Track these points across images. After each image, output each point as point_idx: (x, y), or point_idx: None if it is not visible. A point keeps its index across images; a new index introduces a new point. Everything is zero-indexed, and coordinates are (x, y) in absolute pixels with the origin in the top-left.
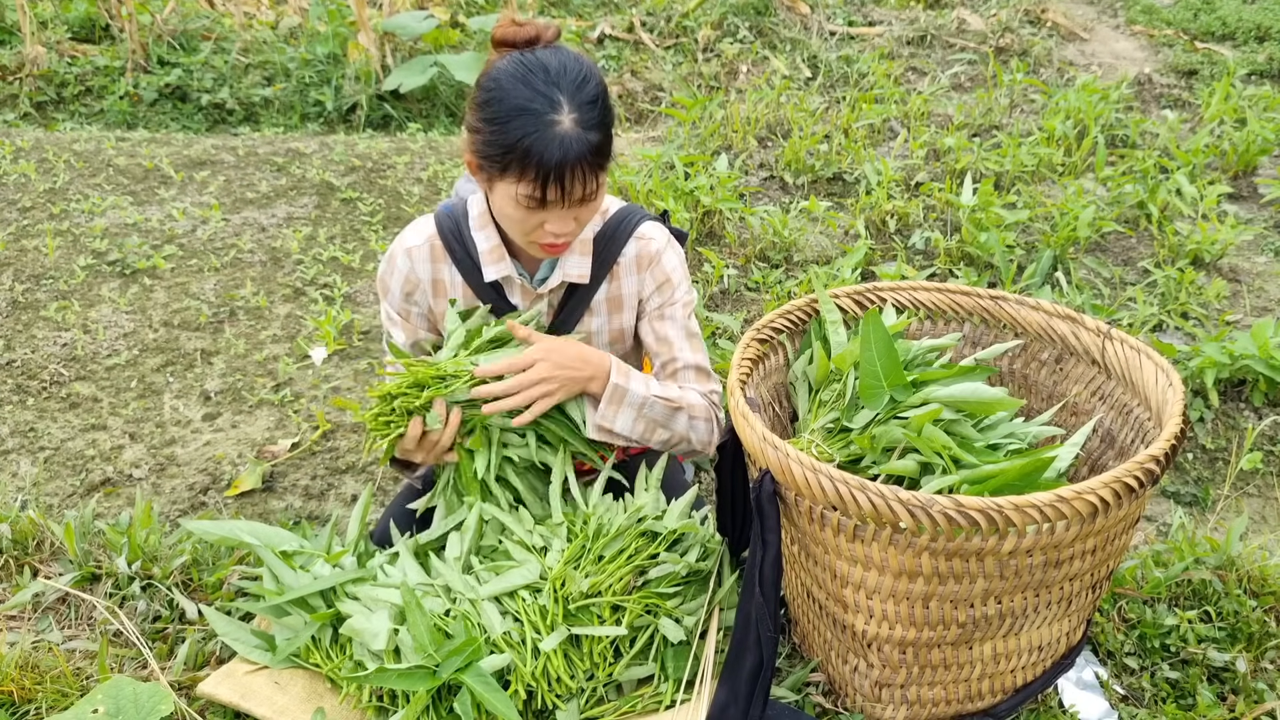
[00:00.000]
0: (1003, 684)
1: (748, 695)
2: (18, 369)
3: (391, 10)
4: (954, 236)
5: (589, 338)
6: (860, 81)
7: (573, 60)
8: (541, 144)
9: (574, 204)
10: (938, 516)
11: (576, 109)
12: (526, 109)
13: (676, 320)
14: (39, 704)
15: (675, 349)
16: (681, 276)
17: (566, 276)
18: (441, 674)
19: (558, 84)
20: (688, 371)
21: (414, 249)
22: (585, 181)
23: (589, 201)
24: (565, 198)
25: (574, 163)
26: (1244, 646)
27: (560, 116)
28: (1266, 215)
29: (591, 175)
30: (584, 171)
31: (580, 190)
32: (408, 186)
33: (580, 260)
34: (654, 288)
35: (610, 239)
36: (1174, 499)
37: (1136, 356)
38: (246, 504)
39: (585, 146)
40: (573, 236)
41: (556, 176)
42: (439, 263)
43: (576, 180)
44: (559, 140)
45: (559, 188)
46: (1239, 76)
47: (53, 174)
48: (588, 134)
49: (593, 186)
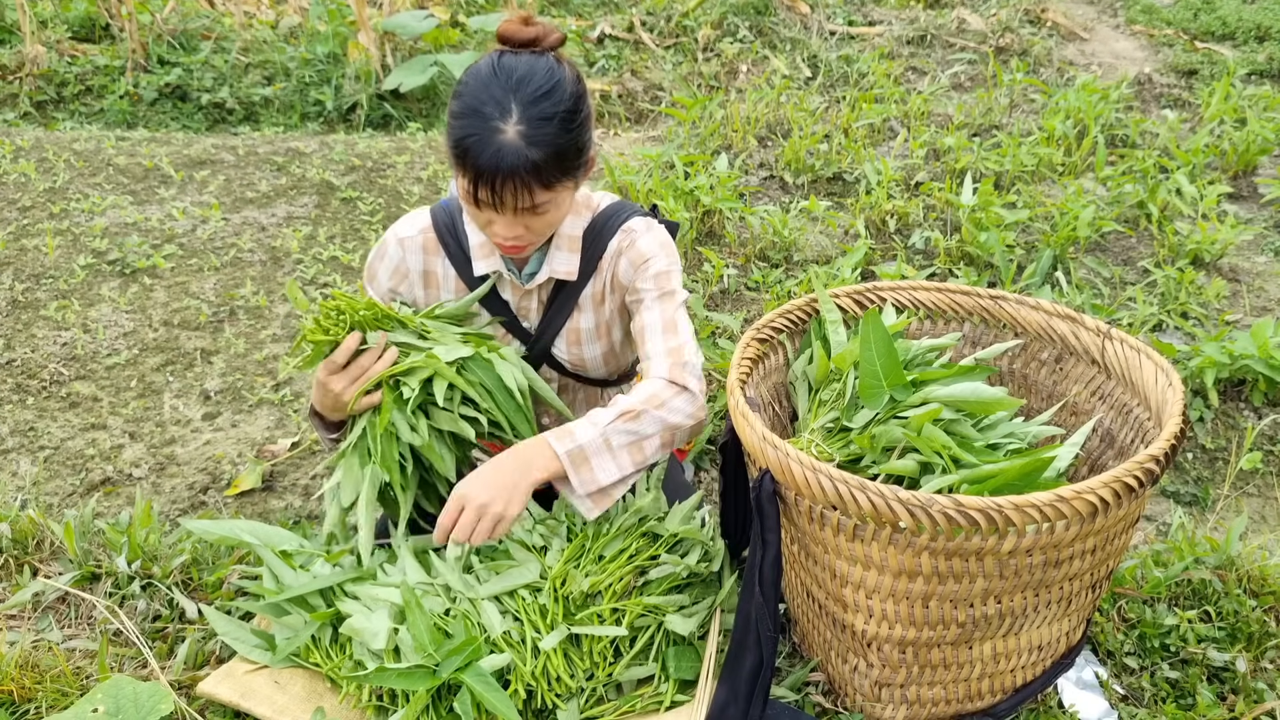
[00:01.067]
0: (1002, 684)
1: (747, 695)
2: (18, 368)
3: (391, 10)
4: (954, 236)
5: (579, 335)
6: (860, 81)
7: (544, 71)
8: (479, 148)
9: (515, 212)
10: (937, 516)
11: (525, 121)
12: (478, 110)
13: (648, 288)
14: (39, 703)
15: (643, 311)
16: (658, 251)
17: (554, 273)
18: (441, 673)
19: (515, 91)
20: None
21: (407, 239)
22: (520, 194)
23: (536, 213)
24: (499, 205)
25: (506, 174)
26: (1244, 646)
27: (505, 125)
28: (1266, 215)
29: (525, 190)
30: (517, 185)
31: (515, 201)
32: (408, 186)
33: (568, 257)
34: (630, 267)
35: (598, 235)
36: (1174, 499)
37: (1136, 356)
38: (246, 503)
39: (521, 160)
40: (526, 242)
41: (488, 182)
42: (431, 255)
43: (509, 191)
44: (496, 148)
45: (490, 193)
46: (1239, 76)
47: (53, 173)
48: (529, 149)
49: (529, 201)
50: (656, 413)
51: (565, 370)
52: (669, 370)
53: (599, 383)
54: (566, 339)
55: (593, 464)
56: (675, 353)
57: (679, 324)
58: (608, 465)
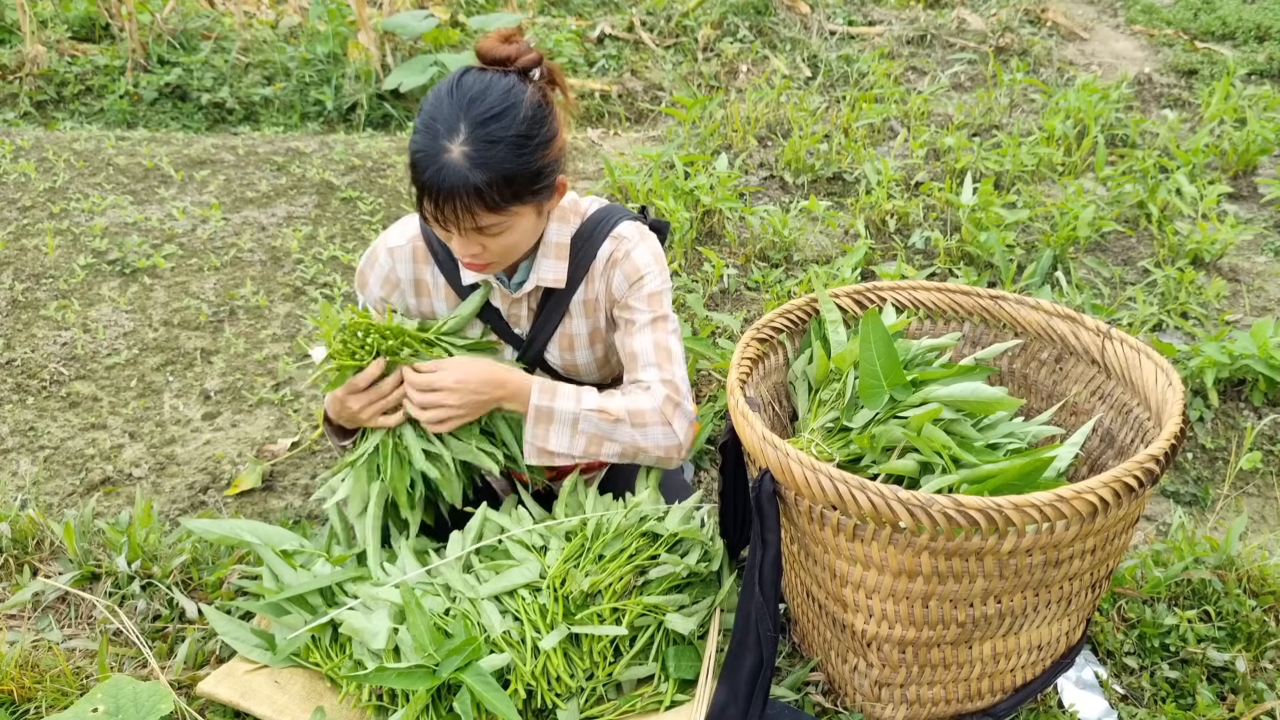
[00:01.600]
0: (1002, 683)
1: (747, 695)
2: (18, 368)
3: (391, 9)
4: (954, 236)
5: (571, 340)
6: (860, 81)
7: (500, 92)
8: (424, 164)
9: (462, 232)
10: (937, 516)
11: (470, 142)
12: (430, 127)
13: (643, 310)
14: (39, 703)
15: (636, 333)
16: (652, 266)
17: (541, 281)
18: (441, 673)
19: (466, 111)
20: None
21: (396, 249)
22: (462, 215)
23: (486, 234)
24: (445, 223)
25: (448, 193)
26: (1243, 646)
27: (451, 145)
28: (1266, 215)
29: (467, 211)
30: (458, 205)
31: (458, 220)
32: (407, 186)
33: (555, 264)
34: (624, 281)
35: (587, 241)
36: (1174, 498)
37: (1136, 356)
38: (246, 503)
39: (461, 181)
40: (486, 261)
41: (431, 199)
42: (421, 263)
43: (450, 209)
44: (439, 167)
45: (435, 209)
46: (1239, 76)
47: (53, 173)
48: (471, 171)
49: (473, 222)
50: (633, 430)
51: (558, 375)
52: (663, 403)
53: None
54: (559, 344)
55: (551, 430)
56: (672, 386)
57: (674, 353)
58: (562, 439)
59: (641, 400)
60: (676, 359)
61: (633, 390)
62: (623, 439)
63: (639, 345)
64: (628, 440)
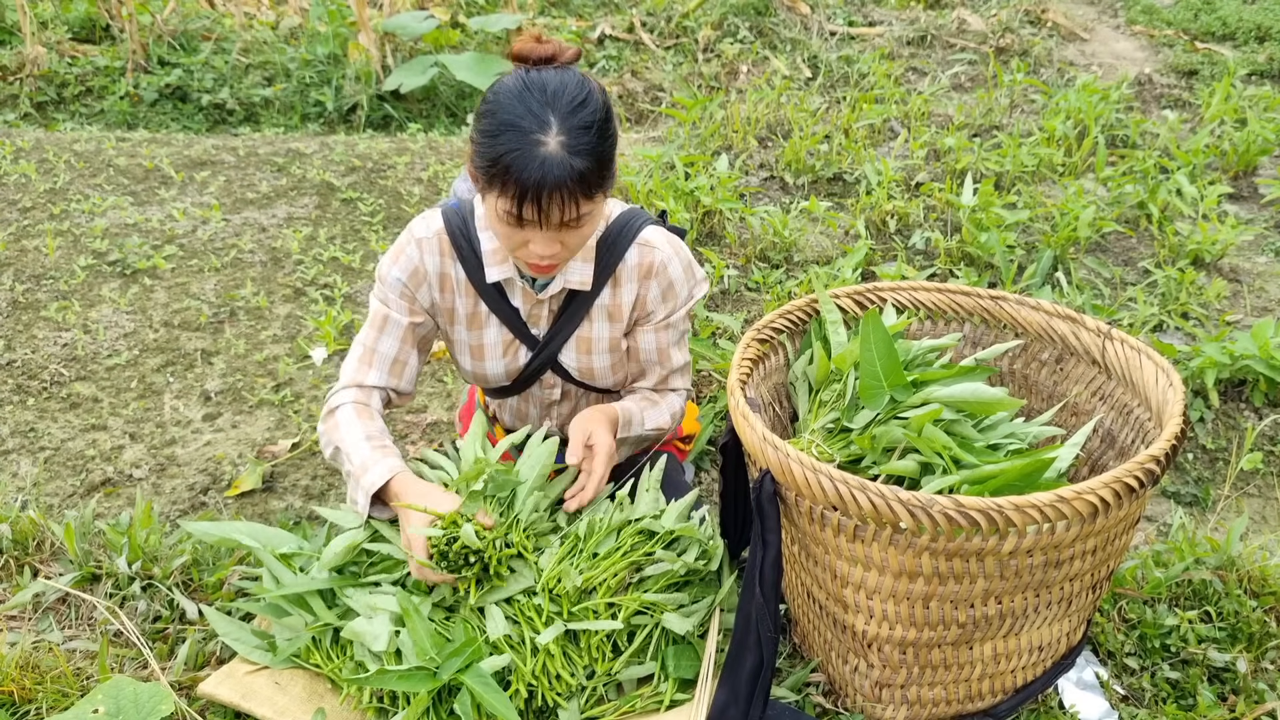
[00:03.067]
0: (1003, 684)
1: (748, 695)
2: (18, 369)
3: (392, 10)
4: (954, 236)
5: (589, 344)
6: (860, 81)
7: (575, 82)
8: (522, 162)
9: (554, 227)
10: (938, 517)
11: (566, 132)
12: (516, 125)
13: (676, 328)
14: (39, 704)
15: (670, 356)
16: (685, 284)
17: (568, 283)
18: (441, 675)
19: (552, 104)
20: (675, 376)
21: (424, 240)
22: (565, 206)
23: (574, 227)
24: (543, 219)
25: (553, 186)
26: (1244, 647)
27: (547, 137)
28: (1266, 215)
29: (572, 201)
30: (564, 196)
31: (559, 214)
32: (408, 187)
33: (582, 266)
34: (659, 299)
35: (612, 244)
36: (1174, 499)
37: (1137, 356)
38: (247, 504)
39: (567, 171)
40: (561, 260)
41: (534, 197)
42: (446, 258)
43: (554, 204)
44: (540, 161)
45: (535, 208)
46: (1239, 76)
47: (53, 174)
48: (573, 159)
49: (575, 212)
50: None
51: (570, 378)
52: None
53: (603, 391)
54: (576, 347)
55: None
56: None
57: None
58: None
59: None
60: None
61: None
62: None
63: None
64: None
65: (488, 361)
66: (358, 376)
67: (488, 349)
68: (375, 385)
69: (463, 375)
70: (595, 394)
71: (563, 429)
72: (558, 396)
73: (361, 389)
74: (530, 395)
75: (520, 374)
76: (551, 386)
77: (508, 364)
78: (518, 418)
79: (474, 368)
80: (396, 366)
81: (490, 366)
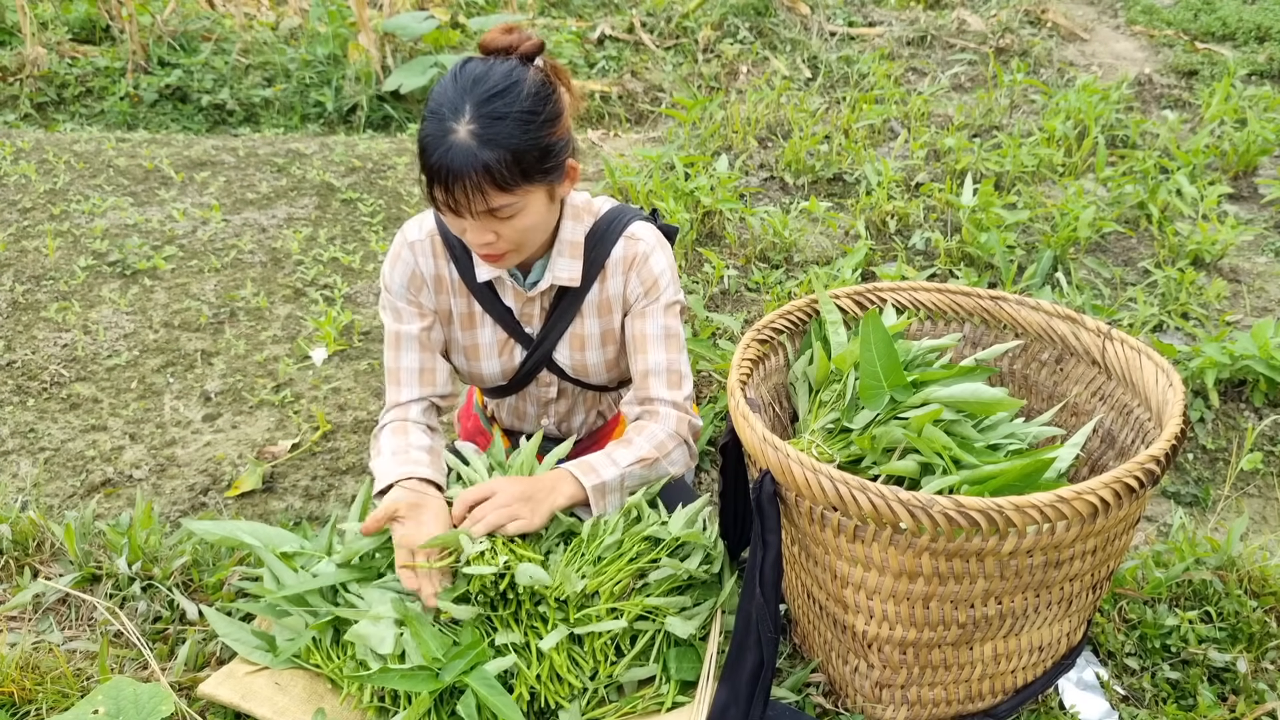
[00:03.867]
0: (1003, 684)
1: (748, 696)
2: (18, 370)
3: (392, 11)
4: (954, 237)
5: (582, 341)
6: (860, 82)
7: (502, 73)
8: (431, 147)
9: (477, 215)
10: (938, 517)
11: (476, 120)
12: (436, 112)
13: (656, 320)
14: (39, 704)
15: (649, 351)
16: (669, 277)
17: (556, 280)
18: (445, 676)
19: (469, 92)
20: (659, 374)
21: (417, 243)
22: (473, 195)
23: (498, 218)
24: (457, 207)
25: (457, 173)
26: (1244, 647)
27: (457, 125)
28: (1266, 215)
29: (479, 191)
30: (468, 184)
31: (469, 202)
32: (408, 187)
33: (570, 263)
34: (641, 288)
35: (600, 240)
36: (1174, 499)
37: (1137, 357)
38: (247, 504)
39: (471, 160)
40: (501, 250)
41: (440, 181)
42: (439, 259)
43: (460, 190)
44: (447, 148)
45: (445, 192)
46: (1239, 77)
47: (53, 175)
48: (480, 149)
49: (484, 203)
50: (663, 463)
51: (565, 375)
52: (676, 423)
53: (598, 388)
54: (569, 344)
55: (608, 499)
56: (681, 407)
57: (683, 370)
58: (615, 502)
59: (658, 432)
60: (685, 375)
61: (645, 424)
62: (658, 474)
63: (653, 364)
64: (663, 474)
65: (483, 361)
66: (393, 397)
67: (483, 349)
68: (411, 400)
69: (460, 376)
70: (592, 391)
71: (560, 428)
72: (554, 395)
73: (399, 407)
74: (527, 394)
75: (516, 373)
76: (548, 385)
77: (503, 363)
78: (516, 417)
79: (470, 368)
80: (426, 375)
81: (486, 366)
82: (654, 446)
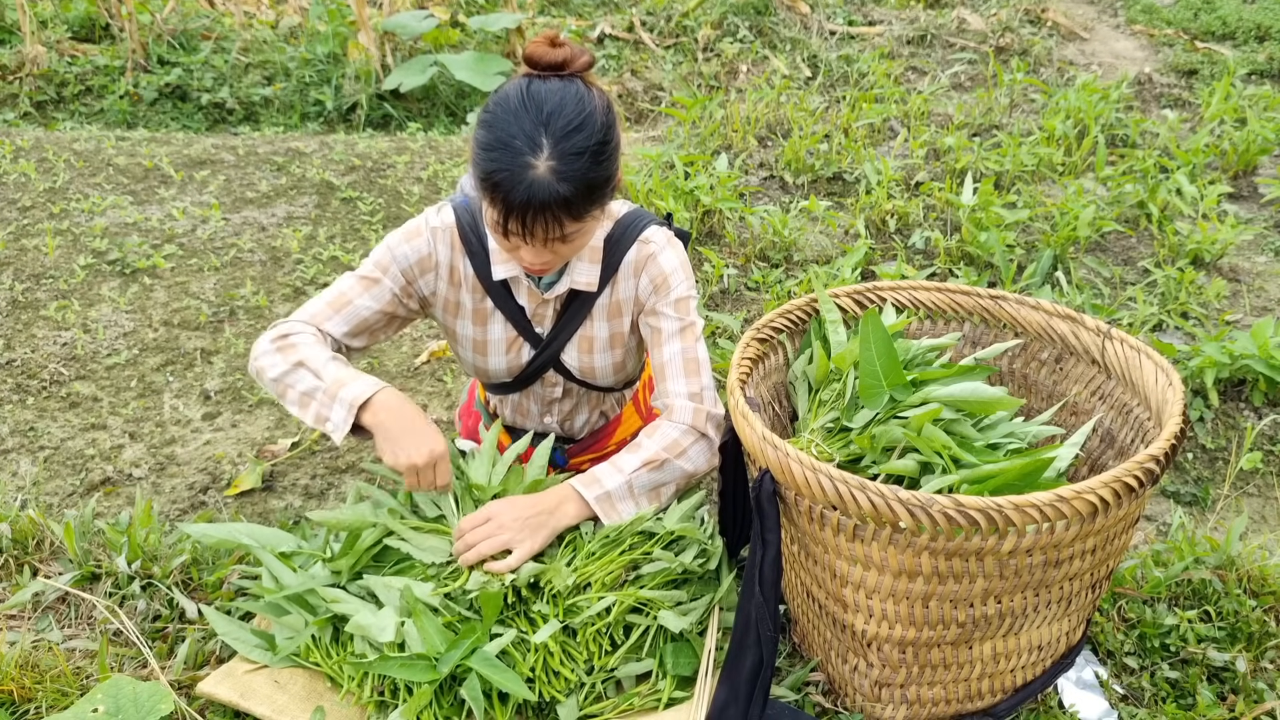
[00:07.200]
0: (1002, 683)
1: (747, 695)
2: (18, 368)
3: (391, 10)
4: (954, 236)
5: (591, 343)
6: (860, 81)
7: (574, 102)
8: (509, 183)
9: (542, 242)
10: (937, 516)
11: (557, 156)
12: (508, 144)
13: (669, 313)
14: (39, 703)
15: (664, 345)
16: (679, 273)
17: (574, 284)
18: (442, 668)
19: (546, 125)
20: (675, 366)
21: (438, 230)
22: (550, 226)
23: (564, 241)
24: (529, 237)
25: (538, 209)
26: (1244, 646)
27: (537, 161)
28: (1266, 215)
29: (555, 223)
30: (548, 219)
31: (544, 233)
32: (408, 186)
33: (589, 267)
34: (651, 285)
35: (616, 245)
36: (1174, 499)
37: (1136, 356)
38: (246, 503)
39: (551, 195)
40: (553, 266)
41: (519, 216)
42: (456, 251)
43: (539, 224)
44: (527, 184)
45: (521, 225)
46: (1239, 76)
47: (53, 173)
48: (559, 184)
49: (559, 232)
50: (677, 461)
51: (572, 377)
52: (692, 416)
53: (604, 389)
54: (578, 346)
55: (618, 508)
56: (698, 398)
57: (701, 362)
58: (629, 508)
59: (670, 430)
60: (703, 366)
61: (659, 424)
62: (672, 475)
63: (667, 356)
64: (678, 473)
65: (490, 357)
66: (319, 319)
67: (491, 345)
68: (333, 335)
69: (464, 368)
70: (596, 392)
71: (563, 426)
72: (559, 394)
73: (321, 331)
74: (532, 392)
75: (522, 371)
76: (553, 385)
77: (510, 361)
78: (519, 413)
79: (476, 362)
80: (362, 326)
81: (493, 362)
82: (663, 447)
